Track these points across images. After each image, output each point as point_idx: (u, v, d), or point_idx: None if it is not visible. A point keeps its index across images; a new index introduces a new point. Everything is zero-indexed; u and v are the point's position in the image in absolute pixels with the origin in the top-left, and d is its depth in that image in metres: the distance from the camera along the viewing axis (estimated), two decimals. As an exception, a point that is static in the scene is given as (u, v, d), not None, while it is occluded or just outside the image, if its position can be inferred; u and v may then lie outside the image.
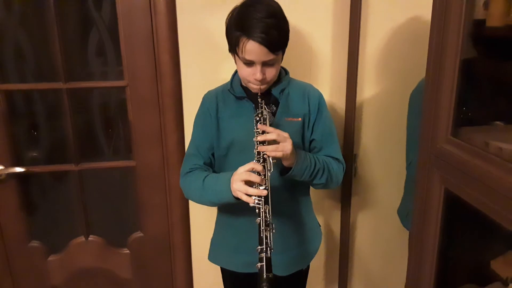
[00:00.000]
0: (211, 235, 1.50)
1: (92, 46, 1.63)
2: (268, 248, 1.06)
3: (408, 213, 1.60)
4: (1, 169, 1.62)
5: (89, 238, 1.79)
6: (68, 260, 1.80)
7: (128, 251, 1.83)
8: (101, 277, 1.84)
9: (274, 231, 1.09)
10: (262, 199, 1.09)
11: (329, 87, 1.68)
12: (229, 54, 1.26)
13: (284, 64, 1.32)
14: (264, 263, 1.03)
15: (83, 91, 1.68)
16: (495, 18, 0.92)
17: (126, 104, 1.64)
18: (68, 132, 1.65)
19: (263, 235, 1.07)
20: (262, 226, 1.08)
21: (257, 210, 1.09)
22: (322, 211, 1.84)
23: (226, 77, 1.37)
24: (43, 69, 1.67)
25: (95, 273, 1.83)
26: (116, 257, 1.83)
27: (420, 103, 1.04)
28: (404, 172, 1.66)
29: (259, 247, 1.06)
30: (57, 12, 1.51)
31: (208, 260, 1.48)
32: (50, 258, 1.79)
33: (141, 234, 1.82)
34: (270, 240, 1.07)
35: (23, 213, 1.71)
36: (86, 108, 1.72)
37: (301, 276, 1.49)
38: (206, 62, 1.59)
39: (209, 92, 1.39)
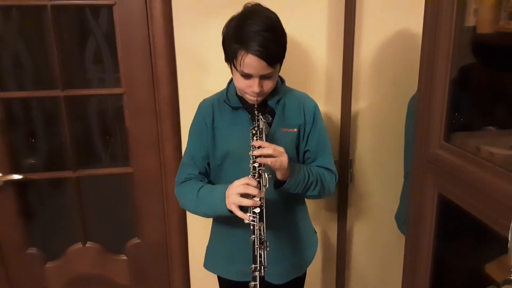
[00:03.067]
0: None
1: (89, 54, 1.65)
2: (262, 267, 1.05)
3: (405, 218, 1.61)
4: (-1, 176, 1.63)
5: (87, 245, 1.79)
6: (65, 267, 1.80)
7: (125, 258, 1.84)
8: (99, 283, 1.84)
9: (268, 248, 1.08)
10: (257, 216, 1.08)
11: (324, 93, 1.69)
12: (225, 62, 1.27)
13: (279, 72, 1.33)
14: (257, 283, 1.03)
15: (81, 98, 1.68)
16: (485, 25, 0.93)
17: (123, 111, 1.65)
18: (65, 139, 1.65)
19: (257, 253, 1.06)
20: (256, 244, 1.06)
21: (251, 227, 1.08)
22: (319, 218, 1.85)
23: (223, 85, 1.37)
24: (41, 77, 1.68)
25: (92, 279, 1.83)
26: (114, 263, 1.83)
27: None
28: (400, 178, 1.67)
29: (253, 265, 1.05)
30: (55, 20, 1.52)
31: (205, 267, 1.48)
32: (47, 265, 1.79)
33: (139, 241, 1.82)
34: (264, 258, 1.06)
35: (20, 220, 1.72)
36: (84, 115, 1.73)
37: (298, 283, 1.49)
38: (203, 70, 1.60)
39: (204, 101, 1.37)
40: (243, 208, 1.12)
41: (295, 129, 1.31)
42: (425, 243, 1.07)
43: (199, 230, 1.77)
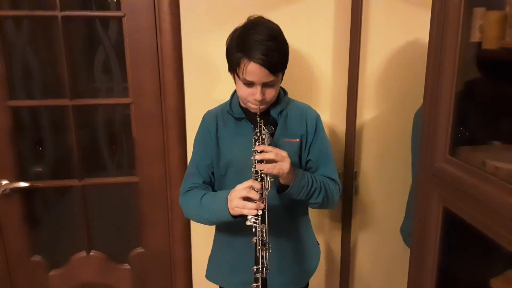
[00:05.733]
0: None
1: (98, 64, 1.67)
2: (264, 268, 1.05)
3: (411, 231, 1.60)
4: (6, 184, 1.64)
5: (91, 253, 1.79)
6: (69, 275, 1.80)
7: (129, 267, 1.84)
8: (102, 292, 1.84)
9: (270, 250, 1.08)
10: (259, 218, 1.09)
11: (329, 106, 1.70)
12: (229, 72, 1.28)
13: (285, 85, 1.35)
14: (259, 284, 1.03)
15: (89, 107, 1.70)
16: (490, 41, 0.94)
17: (130, 121, 1.67)
18: (72, 148, 1.66)
19: (259, 254, 1.06)
20: (258, 246, 1.07)
21: (253, 229, 1.09)
22: (322, 229, 1.84)
23: (228, 96, 1.38)
24: (50, 86, 1.70)
25: (96, 288, 1.83)
26: (117, 272, 1.83)
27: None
28: (405, 191, 1.67)
29: (255, 267, 1.05)
30: (65, 30, 1.55)
31: (208, 277, 1.48)
32: (51, 273, 1.79)
33: (142, 250, 1.82)
34: (266, 260, 1.06)
35: (26, 227, 1.72)
36: (91, 124, 1.75)
37: (301, 294, 1.49)
38: (209, 81, 1.62)
39: (209, 112, 1.40)
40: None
41: (297, 139, 1.32)
42: (429, 256, 1.07)
43: (202, 240, 1.77)
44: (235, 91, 1.34)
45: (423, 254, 1.09)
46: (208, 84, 1.62)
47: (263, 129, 1.22)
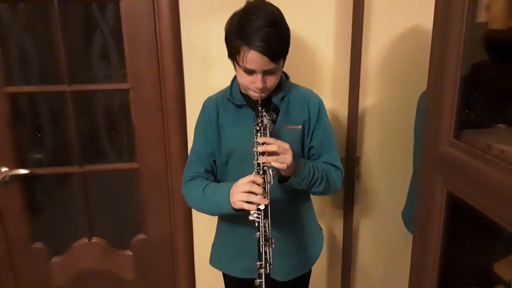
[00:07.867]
0: (213, 238, 1.51)
1: (96, 49, 1.65)
2: (268, 264, 1.04)
3: (412, 216, 1.60)
4: (6, 171, 1.63)
5: (92, 240, 1.80)
6: (71, 262, 1.81)
7: (131, 253, 1.84)
8: (104, 278, 1.85)
9: (273, 246, 1.07)
10: (262, 213, 1.08)
11: (331, 91, 1.68)
12: (229, 59, 1.25)
13: (287, 69, 1.32)
14: (263, 280, 1.02)
15: (87, 93, 1.69)
16: (496, 21, 0.92)
17: (130, 107, 1.65)
18: (72, 134, 1.66)
19: (262, 250, 1.05)
20: (262, 241, 1.06)
21: (256, 224, 1.08)
22: (325, 215, 1.84)
23: (229, 81, 1.36)
24: (48, 72, 1.68)
25: (98, 274, 1.84)
26: (119, 259, 1.84)
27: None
28: (407, 176, 1.66)
29: (258, 262, 1.04)
30: (62, 15, 1.52)
31: (210, 263, 1.49)
32: (53, 260, 1.80)
33: (144, 236, 1.83)
34: (269, 255, 1.05)
35: (27, 214, 1.72)
36: (90, 111, 1.74)
37: (303, 280, 1.49)
38: (209, 66, 1.60)
39: (209, 99, 1.37)
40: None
41: (300, 126, 1.30)
42: (433, 241, 1.06)
43: (204, 227, 1.77)
44: (235, 77, 1.31)
45: (426, 238, 1.08)
46: (208, 68, 1.60)
47: (265, 117, 1.20)
